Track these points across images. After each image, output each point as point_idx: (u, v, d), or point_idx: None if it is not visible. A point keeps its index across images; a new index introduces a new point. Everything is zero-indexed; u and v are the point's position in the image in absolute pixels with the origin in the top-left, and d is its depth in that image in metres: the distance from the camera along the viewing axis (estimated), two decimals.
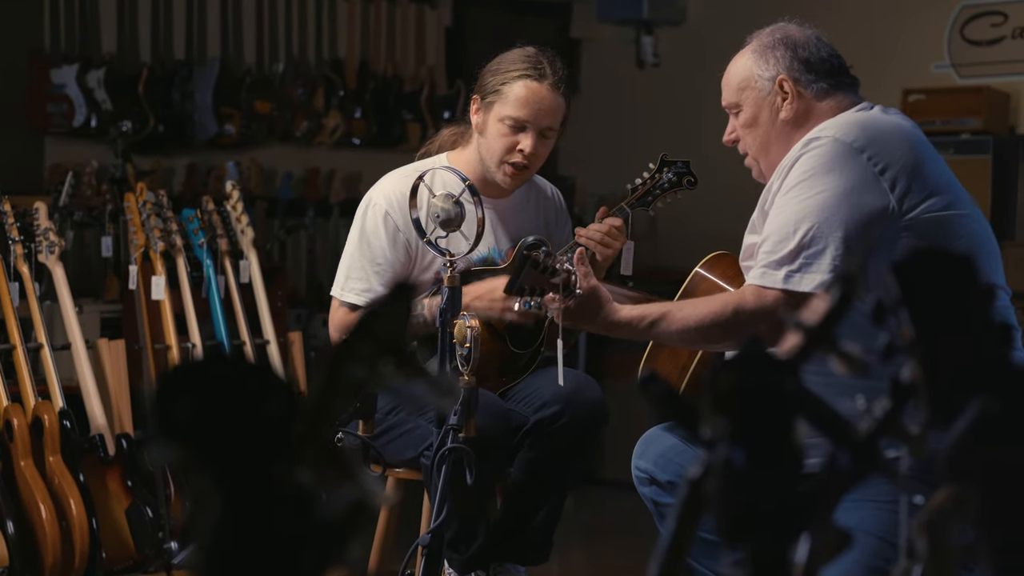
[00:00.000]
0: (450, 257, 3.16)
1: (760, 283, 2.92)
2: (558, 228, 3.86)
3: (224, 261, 5.37)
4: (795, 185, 2.90)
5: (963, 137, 7.00)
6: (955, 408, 1.34)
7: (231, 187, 5.54)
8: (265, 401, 1.06)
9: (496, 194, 3.71)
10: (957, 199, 2.95)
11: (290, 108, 7.84)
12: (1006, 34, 7.32)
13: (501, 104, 3.58)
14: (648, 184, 3.77)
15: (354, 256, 3.65)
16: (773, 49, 3.09)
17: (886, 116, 3.03)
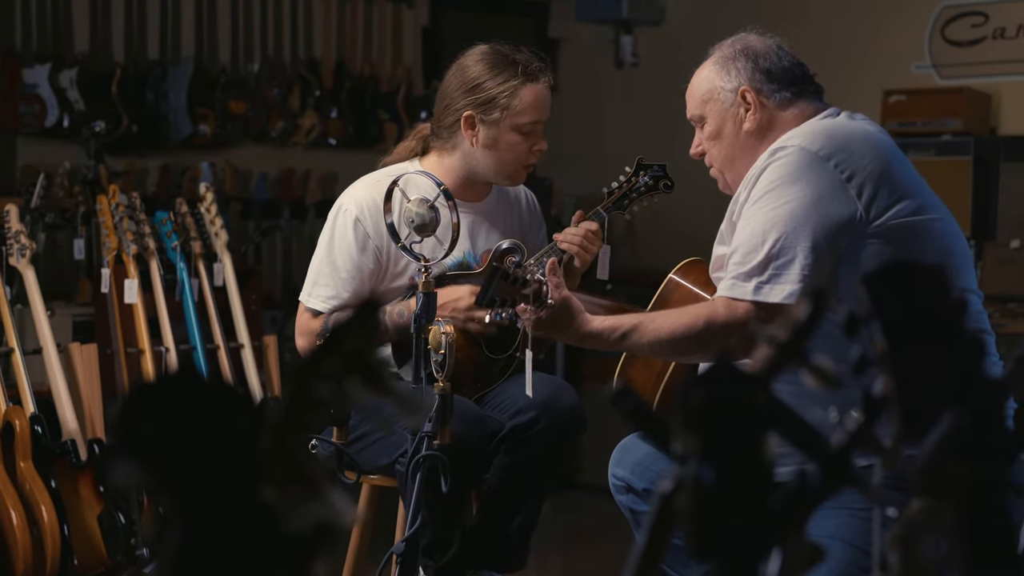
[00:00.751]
0: (425, 262, 3.16)
1: (730, 295, 2.93)
2: (532, 231, 3.87)
3: (198, 264, 5.36)
4: (762, 195, 2.91)
5: (944, 138, 7.02)
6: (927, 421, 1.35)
7: (204, 189, 5.54)
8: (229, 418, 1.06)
9: (470, 198, 3.72)
10: (927, 203, 2.96)
11: (265, 108, 7.83)
12: (987, 34, 7.35)
13: (512, 116, 3.60)
14: (624, 188, 3.78)
15: (323, 262, 3.66)
16: (734, 60, 3.11)
17: (852, 122, 3.05)
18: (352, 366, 1.11)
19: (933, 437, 1.31)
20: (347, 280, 3.62)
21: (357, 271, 3.62)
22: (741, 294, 2.90)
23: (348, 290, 3.62)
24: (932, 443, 1.31)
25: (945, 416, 1.30)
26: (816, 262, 2.85)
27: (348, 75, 8.17)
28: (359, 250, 3.62)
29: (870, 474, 1.76)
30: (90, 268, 6.13)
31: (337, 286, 3.62)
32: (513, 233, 3.75)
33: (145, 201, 6.09)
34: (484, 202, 3.78)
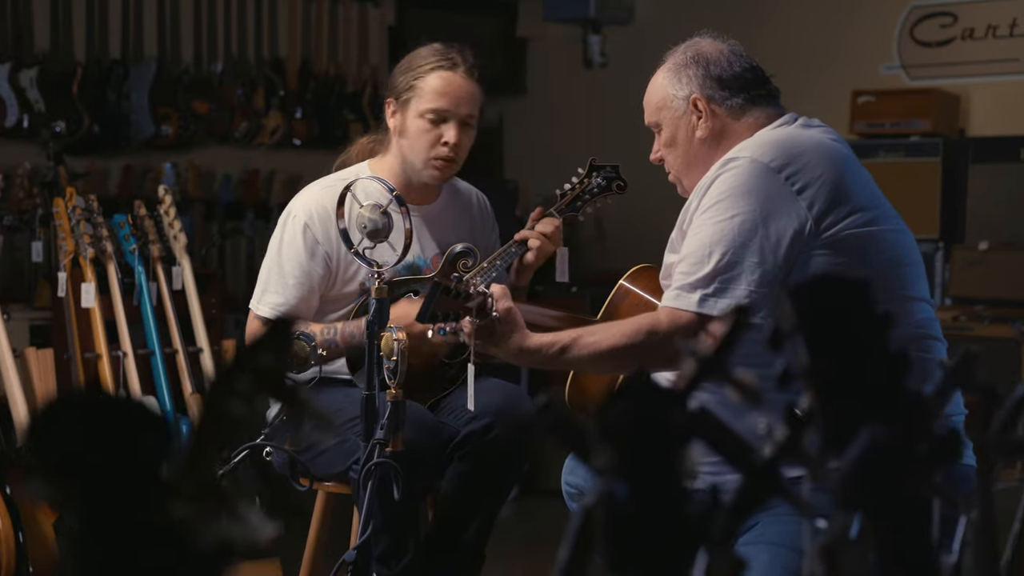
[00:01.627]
0: (378, 268, 3.18)
1: (674, 305, 2.93)
2: (484, 234, 3.88)
3: (156, 267, 5.36)
4: (711, 206, 2.92)
5: (913, 139, 7.07)
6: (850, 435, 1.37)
7: (163, 192, 5.54)
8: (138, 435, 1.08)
9: (420, 200, 3.73)
10: (881, 214, 2.98)
11: (229, 108, 7.84)
12: (956, 35, 7.40)
13: (418, 100, 3.61)
14: (577, 189, 3.80)
15: (272, 269, 3.68)
16: (686, 67, 3.11)
17: (806, 132, 3.04)
18: (265, 383, 1.13)
19: (853, 451, 1.33)
20: (296, 287, 3.63)
21: (307, 277, 3.63)
22: (685, 305, 2.91)
23: (297, 296, 3.63)
24: (852, 457, 1.33)
25: (864, 431, 1.33)
26: (763, 276, 2.86)
27: (313, 75, 8.18)
28: (308, 256, 3.63)
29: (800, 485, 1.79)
30: (49, 271, 6.14)
31: (287, 293, 3.64)
32: (463, 236, 3.76)
33: (107, 202, 6.10)
34: (433, 204, 3.80)
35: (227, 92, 7.85)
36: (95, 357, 5.17)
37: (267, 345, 1.13)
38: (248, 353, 1.13)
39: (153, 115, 7.49)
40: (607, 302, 3.37)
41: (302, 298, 3.64)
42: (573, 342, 3.00)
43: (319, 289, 3.65)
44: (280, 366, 1.13)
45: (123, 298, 5.23)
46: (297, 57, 8.18)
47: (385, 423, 3.09)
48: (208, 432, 1.12)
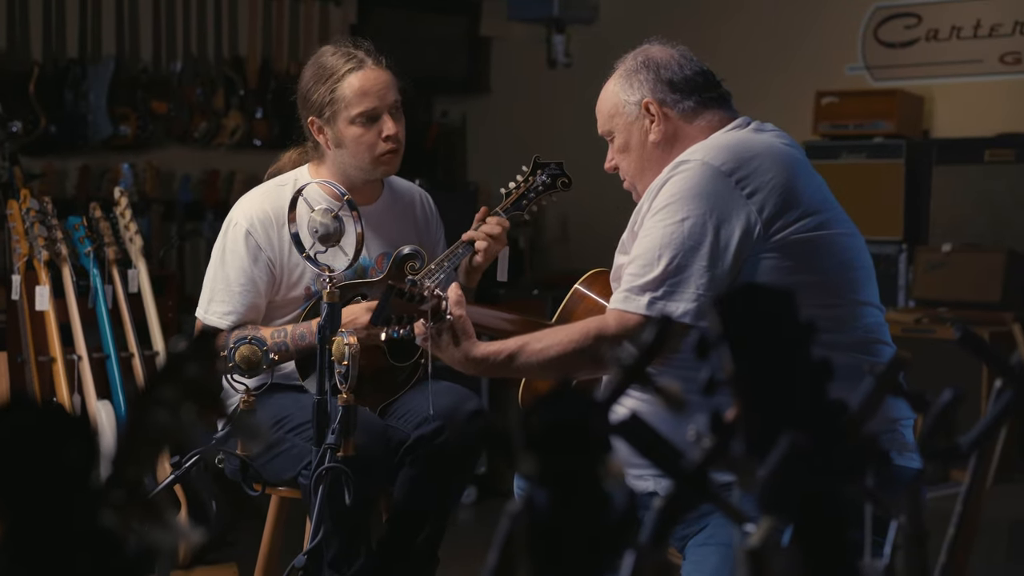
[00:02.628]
0: (329, 273, 3.21)
1: (623, 307, 2.96)
2: (428, 234, 3.92)
3: (112, 270, 5.38)
4: (661, 209, 2.95)
5: (876, 141, 7.13)
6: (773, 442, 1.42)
7: (119, 194, 5.56)
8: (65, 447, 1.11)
9: (362, 200, 3.77)
10: (832, 218, 3.02)
11: (188, 108, 7.87)
12: (920, 36, 7.47)
13: (344, 109, 3.65)
14: (522, 187, 3.84)
15: (216, 277, 3.71)
16: (636, 73, 3.15)
17: (758, 135, 3.08)
18: (190, 394, 1.17)
19: (773, 458, 1.38)
20: (242, 294, 3.67)
21: (251, 284, 3.67)
22: (634, 308, 2.94)
23: (244, 303, 3.67)
24: (772, 464, 1.38)
25: (783, 438, 1.37)
26: (712, 280, 2.89)
27: (273, 74, 8.21)
28: (251, 263, 3.67)
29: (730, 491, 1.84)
30: (3, 273, 6.14)
31: (233, 301, 3.67)
32: (407, 236, 3.80)
33: (64, 203, 6.12)
34: (375, 204, 3.84)
35: (186, 92, 7.87)
36: (49, 361, 5.18)
37: (193, 356, 1.17)
38: (174, 363, 1.17)
39: (111, 115, 7.51)
40: (562, 306, 3.40)
41: (249, 305, 3.67)
42: (520, 349, 3.03)
43: (265, 295, 3.69)
44: (206, 376, 1.17)
45: (78, 301, 5.24)
46: (257, 56, 8.20)
47: (336, 428, 3.12)
48: (134, 441, 1.16)
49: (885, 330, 3.07)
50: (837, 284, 2.98)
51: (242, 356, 3.26)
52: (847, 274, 3.01)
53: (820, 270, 2.96)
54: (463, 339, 3.05)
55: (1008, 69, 7.22)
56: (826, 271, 2.97)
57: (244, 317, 3.67)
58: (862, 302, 3.02)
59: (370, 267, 3.76)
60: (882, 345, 3.03)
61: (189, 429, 1.18)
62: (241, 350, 3.26)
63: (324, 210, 3.28)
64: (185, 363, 1.17)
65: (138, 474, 1.18)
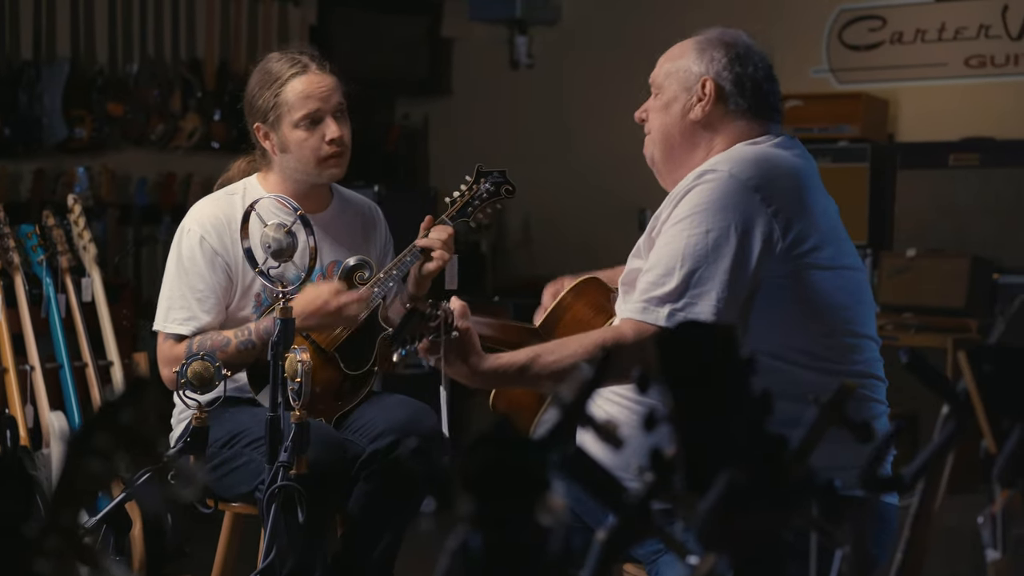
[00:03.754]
0: (282, 288, 3.23)
1: (641, 318, 2.95)
2: (376, 243, 3.95)
3: (65, 279, 5.37)
4: (684, 218, 2.94)
5: (841, 144, 7.16)
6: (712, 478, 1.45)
7: (72, 201, 5.55)
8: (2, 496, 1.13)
9: (311, 208, 3.79)
10: (841, 250, 3.01)
11: (145, 110, 7.85)
12: (885, 39, 7.52)
13: (287, 113, 3.69)
14: (466, 196, 3.88)
15: (174, 286, 3.72)
16: (714, 48, 3.14)
17: (782, 153, 3.07)
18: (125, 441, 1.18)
19: (712, 495, 1.41)
20: (202, 300, 3.68)
21: (210, 290, 3.69)
22: (653, 319, 2.92)
23: (204, 310, 3.68)
24: (710, 500, 1.40)
25: (722, 475, 1.40)
26: (732, 295, 2.89)
27: (232, 76, 8.19)
28: (209, 269, 3.69)
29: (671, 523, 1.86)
30: None
31: (192, 307, 3.68)
32: (355, 245, 3.84)
33: (18, 208, 6.10)
34: (324, 212, 3.87)
35: (143, 93, 7.86)
36: (1, 371, 5.17)
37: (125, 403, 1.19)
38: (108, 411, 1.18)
39: (66, 117, 7.49)
40: (548, 313, 3.37)
41: (209, 310, 3.68)
42: (532, 361, 3.00)
43: (223, 300, 3.70)
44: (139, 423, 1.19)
45: (31, 310, 5.23)
46: (215, 57, 8.19)
47: (289, 445, 3.14)
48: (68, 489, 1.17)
49: (880, 365, 3.07)
50: (840, 317, 3.00)
51: (194, 372, 3.28)
52: (850, 308, 3.03)
53: (827, 302, 2.96)
54: (471, 353, 3.01)
55: (973, 72, 7.27)
56: (832, 304, 2.97)
57: (204, 323, 3.67)
58: (861, 335, 3.03)
59: (316, 277, 3.77)
60: (876, 380, 3.05)
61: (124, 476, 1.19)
62: (193, 366, 3.27)
63: (277, 225, 3.30)
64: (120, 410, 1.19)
65: (73, 520, 1.19)
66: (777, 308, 2.93)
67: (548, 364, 2.99)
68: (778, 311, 2.93)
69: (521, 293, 7.35)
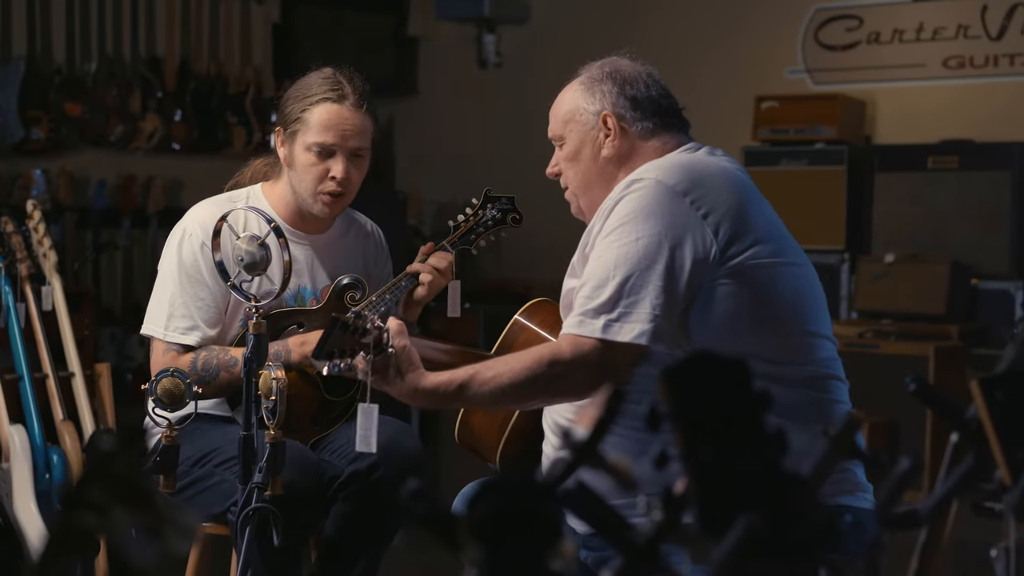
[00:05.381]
0: (255, 303, 3.18)
1: (577, 332, 2.94)
2: (378, 267, 3.89)
3: (24, 287, 5.31)
4: (615, 229, 2.94)
5: (817, 146, 7.17)
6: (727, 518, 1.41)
7: (32, 207, 5.48)
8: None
9: (313, 229, 3.74)
10: (783, 247, 3.02)
11: (103, 111, 7.79)
12: (861, 39, 7.52)
13: (304, 132, 3.61)
14: (471, 221, 3.80)
15: (174, 292, 3.61)
16: (601, 83, 3.13)
17: (712, 158, 3.09)
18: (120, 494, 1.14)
19: (728, 541, 1.37)
20: (204, 308, 3.60)
21: (212, 298, 3.60)
22: (589, 331, 2.92)
23: (206, 319, 3.59)
24: (727, 547, 1.37)
25: (739, 520, 1.37)
26: (667, 302, 2.88)
27: (193, 75, 8.15)
28: (211, 276, 3.58)
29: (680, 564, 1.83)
30: None
31: (194, 316, 3.59)
32: (356, 267, 3.76)
33: None
34: (325, 234, 3.79)
35: (101, 93, 7.80)
36: None
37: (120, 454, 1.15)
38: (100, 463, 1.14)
39: (22, 118, 7.43)
40: (501, 338, 3.37)
41: (211, 320, 3.60)
42: (471, 379, 2.99)
43: (223, 309, 3.63)
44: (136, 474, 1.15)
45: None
46: (176, 56, 8.14)
47: (263, 466, 3.09)
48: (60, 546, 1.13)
49: (839, 364, 3.07)
50: (790, 315, 2.98)
51: (164, 389, 3.23)
52: (800, 305, 3.01)
53: (773, 300, 2.96)
54: (409, 370, 3.00)
55: (952, 73, 7.28)
56: (779, 301, 2.97)
57: (207, 335, 3.60)
58: (815, 334, 3.02)
59: (312, 299, 3.72)
60: (836, 381, 3.03)
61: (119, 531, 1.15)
62: (163, 383, 3.22)
63: (250, 237, 3.24)
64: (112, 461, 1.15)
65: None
66: (721, 312, 2.92)
67: (487, 380, 2.98)
68: (723, 316, 2.92)
69: (489, 298, 7.33)
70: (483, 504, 1.29)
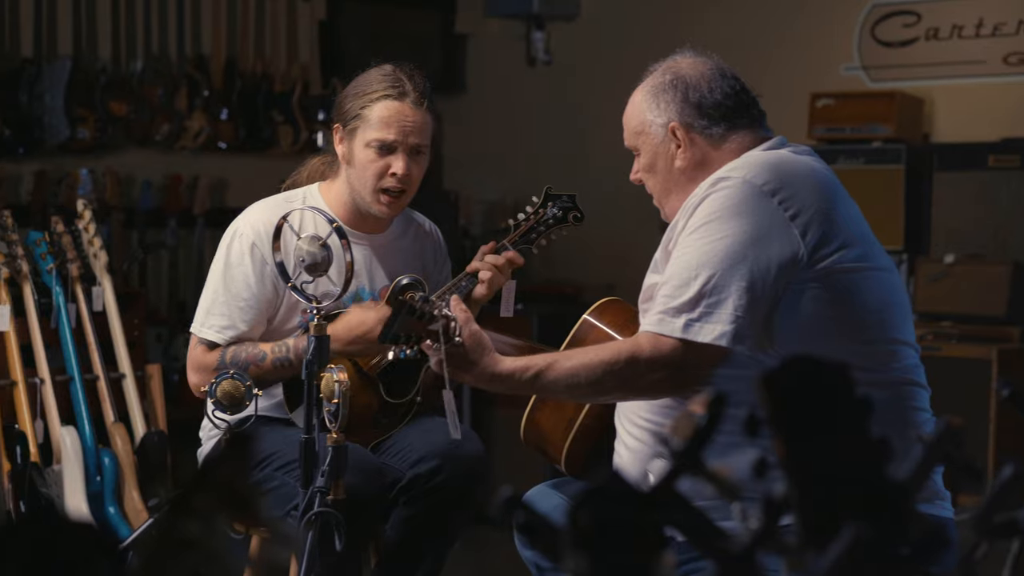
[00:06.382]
0: (317, 304, 3.18)
1: (657, 330, 2.93)
2: (436, 267, 3.88)
3: (75, 288, 5.33)
4: (699, 227, 2.92)
5: (874, 145, 7.11)
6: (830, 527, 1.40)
7: (83, 207, 5.51)
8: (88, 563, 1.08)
9: (371, 229, 3.74)
10: (870, 251, 2.98)
11: (149, 110, 7.81)
12: (919, 35, 7.46)
13: (364, 129, 3.61)
14: (532, 220, 3.78)
15: (217, 290, 3.64)
16: (664, 92, 3.10)
17: (798, 157, 3.05)
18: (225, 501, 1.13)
19: (833, 551, 1.35)
20: (244, 309, 3.62)
21: (255, 300, 3.62)
22: (669, 330, 2.91)
23: (245, 320, 3.61)
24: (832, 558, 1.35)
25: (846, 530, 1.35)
26: (751, 303, 2.86)
27: (239, 73, 8.16)
28: (257, 278, 3.61)
29: None
30: None
31: (233, 316, 3.62)
32: (414, 268, 3.75)
33: (19, 211, 6.06)
34: (384, 234, 3.79)
35: (147, 92, 7.81)
36: (10, 384, 5.14)
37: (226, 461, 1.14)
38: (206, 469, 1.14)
39: (68, 117, 7.45)
40: (569, 337, 3.36)
41: (249, 322, 3.62)
42: (548, 367, 3.00)
43: (266, 313, 3.64)
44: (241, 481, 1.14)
45: (40, 321, 5.21)
46: (222, 54, 8.15)
47: (326, 470, 3.09)
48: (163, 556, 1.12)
49: (921, 372, 3.04)
50: (876, 322, 2.96)
51: (224, 391, 3.24)
52: (885, 311, 2.99)
53: (860, 306, 2.93)
54: (484, 355, 3.03)
55: (1012, 70, 7.22)
56: (866, 307, 2.94)
57: (241, 333, 3.61)
58: (899, 341, 3.00)
59: (370, 299, 3.72)
60: (918, 388, 3.01)
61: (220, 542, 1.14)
62: (223, 385, 3.23)
63: (311, 238, 3.24)
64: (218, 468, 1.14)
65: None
66: (805, 317, 2.90)
67: (564, 371, 2.99)
68: (806, 320, 2.90)
69: (540, 299, 7.31)
70: (585, 512, 1.27)
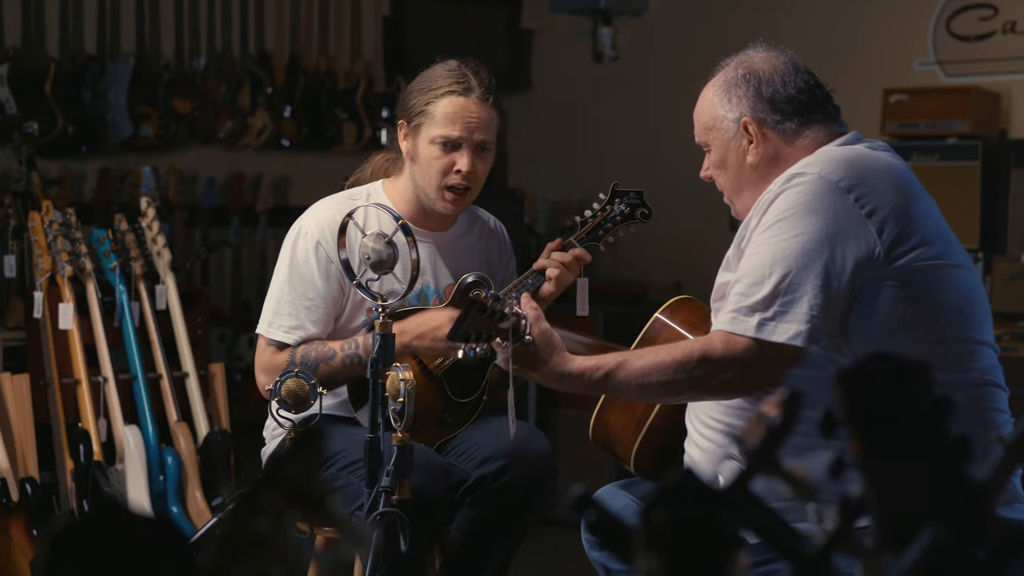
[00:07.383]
0: (382, 302, 3.19)
1: (730, 329, 2.92)
2: (502, 264, 3.88)
3: (139, 286, 5.37)
4: (773, 224, 2.91)
5: (950, 142, 7.05)
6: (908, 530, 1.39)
7: (146, 205, 5.54)
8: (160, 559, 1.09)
9: (435, 226, 3.75)
10: (948, 249, 2.95)
11: (213, 107, 7.85)
12: (996, 28, 7.40)
13: (429, 125, 3.62)
14: (599, 217, 3.78)
15: (283, 289, 3.66)
16: (736, 87, 3.09)
17: (874, 153, 3.04)
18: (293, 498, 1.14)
19: (912, 553, 1.34)
20: (311, 309, 3.63)
21: (321, 299, 3.63)
22: (742, 329, 2.90)
23: (312, 319, 3.63)
24: (911, 559, 1.34)
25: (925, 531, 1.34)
26: (827, 302, 2.84)
27: (302, 71, 8.18)
28: (322, 277, 3.63)
29: None
30: (22, 287, 6.11)
31: (300, 315, 3.63)
32: (479, 266, 3.76)
33: (82, 208, 6.10)
34: (448, 232, 3.80)
35: (210, 89, 7.85)
36: (74, 383, 5.18)
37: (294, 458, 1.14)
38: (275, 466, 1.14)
39: (131, 115, 7.50)
40: (641, 335, 3.36)
41: (317, 320, 3.64)
42: (619, 366, 2.99)
43: (333, 311, 3.66)
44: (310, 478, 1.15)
45: (103, 319, 5.24)
46: (285, 52, 8.18)
47: (391, 469, 3.09)
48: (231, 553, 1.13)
49: (999, 372, 3.01)
50: (954, 321, 2.93)
51: (288, 390, 3.25)
52: (964, 311, 2.97)
53: (938, 305, 2.91)
54: (554, 354, 3.03)
55: None
56: (944, 306, 2.92)
57: (310, 334, 3.63)
58: (978, 341, 2.97)
59: (435, 299, 3.73)
60: (996, 389, 2.98)
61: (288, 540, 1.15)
62: (287, 384, 3.24)
63: (376, 235, 3.25)
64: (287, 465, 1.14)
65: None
66: (881, 316, 2.88)
67: (636, 370, 2.99)
68: (885, 319, 2.88)
69: (607, 299, 7.29)
70: (659, 512, 1.27)
